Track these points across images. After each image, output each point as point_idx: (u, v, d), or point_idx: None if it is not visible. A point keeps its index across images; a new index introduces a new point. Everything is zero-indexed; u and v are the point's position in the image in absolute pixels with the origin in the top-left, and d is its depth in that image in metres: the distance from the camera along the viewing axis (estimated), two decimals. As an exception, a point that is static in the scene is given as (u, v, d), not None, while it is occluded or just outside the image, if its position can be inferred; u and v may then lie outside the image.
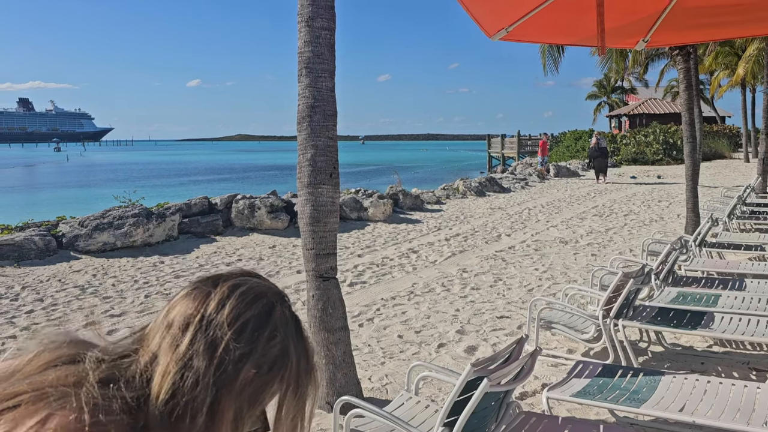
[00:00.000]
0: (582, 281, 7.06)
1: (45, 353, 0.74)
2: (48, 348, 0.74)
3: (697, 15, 3.46)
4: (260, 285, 0.84)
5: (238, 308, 0.78)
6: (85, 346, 0.77)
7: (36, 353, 0.74)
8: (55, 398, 0.68)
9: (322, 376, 3.80)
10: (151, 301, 6.52)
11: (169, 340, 0.76)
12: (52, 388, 0.69)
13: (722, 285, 5.43)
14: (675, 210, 13.30)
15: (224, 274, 0.84)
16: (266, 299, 0.82)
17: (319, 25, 3.72)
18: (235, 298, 0.79)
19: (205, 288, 0.81)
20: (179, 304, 0.80)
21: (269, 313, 0.81)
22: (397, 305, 6.30)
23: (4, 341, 5.24)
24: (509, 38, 3.35)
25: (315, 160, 3.78)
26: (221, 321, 0.77)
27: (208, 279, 0.83)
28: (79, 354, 0.74)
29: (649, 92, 45.01)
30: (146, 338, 0.79)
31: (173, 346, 0.75)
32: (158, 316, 0.81)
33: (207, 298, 0.79)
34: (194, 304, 0.79)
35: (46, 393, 0.68)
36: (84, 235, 8.83)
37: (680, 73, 9.98)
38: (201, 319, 0.77)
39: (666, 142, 29.00)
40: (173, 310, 0.80)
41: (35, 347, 0.75)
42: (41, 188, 36.29)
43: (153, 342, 0.77)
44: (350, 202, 11.95)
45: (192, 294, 0.81)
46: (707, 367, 4.43)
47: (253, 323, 0.79)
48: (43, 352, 0.74)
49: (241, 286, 0.81)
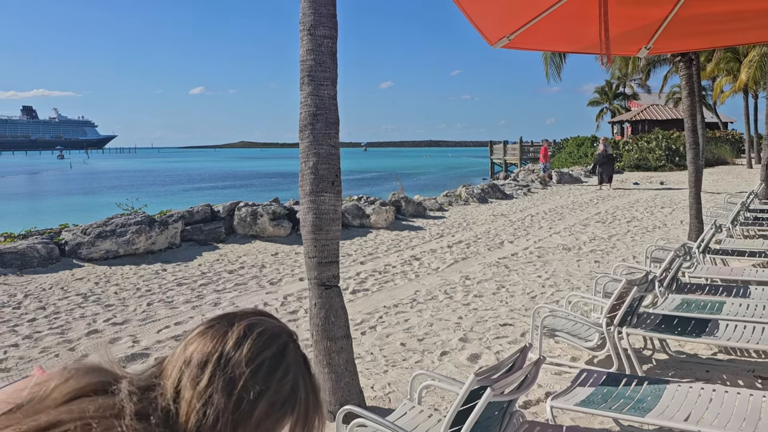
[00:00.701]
0: (585, 288, 7.04)
1: (71, 381, 0.76)
2: (73, 376, 0.77)
3: (698, 22, 3.46)
4: (274, 325, 0.87)
5: (255, 348, 0.82)
6: (108, 375, 0.79)
7: (62, 380, 0.76)
8: (101, 429, 0.72)
9: (325, 385, 3.79)
10: (154, 309, 6.51)
11: (190, 377, 0.79)
12: (95, 420, 0.72)
13: (726, 292, 5.40)
14: (678, 216, 13.28)
15: (239, 312, 0.87)
16: (281, 339, 0.86)
17: (321, 34, 3.73)
18: (252, 338, 0.82)
19: (222, 326, 0.84)
20: (196, 341, 0.82)
21: (283, 353, 0.85)
22: (400, 313, 6.28)
23: (6, 349, 5.23)
24: (511, 46, 3.36)
25: (317, 168, 3.77)
26: (239, 360, 0.80)
27: (223, 317, 0.86)
28: (107, 383, 0.77)
29: (652, 98, 45.04)
30: (165, 373, 0.82)
31: (194, 383, 0.78)
32: (175, 351, 0.84)
33: (225, 337, 0.82)
34: (212, 343, 0.81)
35: (90, 424, 0.72)
36: (86, 243, 8.84)
37: (682, 79, 9.98)
38: (219, 357, 0.80)
39: (669, 148, 28.99)
40: (190, 346, 0.82)
41: (57, 375, 0.77)
42: (44, 196, 36.39)
43: (172, 377, 0.80)
44: (352, 209, 11.94)
45: (210, 332, 0.83)
46: (712, 375, 4.40)
47: (269, 362, 0.82)
48: (69, 379, 0.76)
49: (257, 326, 0.84)
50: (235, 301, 6.83)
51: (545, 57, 23.51)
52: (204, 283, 7.62)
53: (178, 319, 6.12)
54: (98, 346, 4.78)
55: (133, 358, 5.04)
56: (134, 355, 5.11)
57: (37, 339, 5.52)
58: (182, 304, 6.70)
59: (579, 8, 3.10)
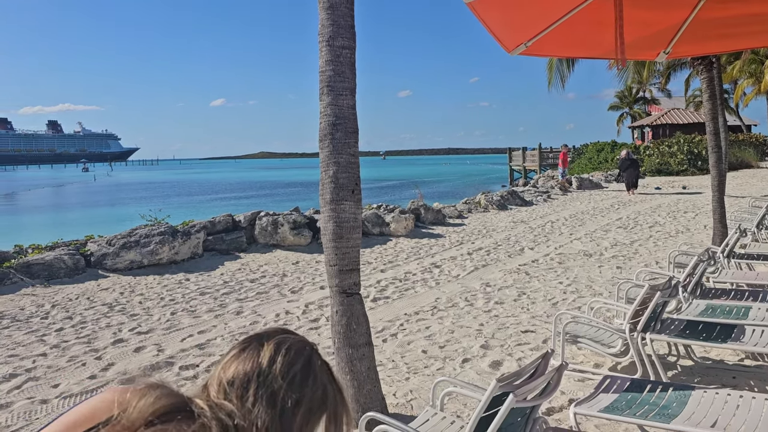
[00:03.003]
0: (607, 294, 6.97)
1: (152, 399, 0.85)
2: (153, 394, 0.86)
3: (717, 26, 3.44)
4: (298, 340, 0.99)
5: (286, 363, 0.93)
6: (181, 397, 0.88)
7: (142, 396, 0.85)
8: None
9: (347, 392, 3.81)
10: (177, 318, 6.60)
11: (237, 396, 0.89)
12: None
13: (752, 297, 5.32)
14: (701, 221, 13.09)
15: (265, 333, 0.99)
16: (306, 351, 0.97)
17: (340, 44, 3.78)
18: (282, 355, 0.94)
19: (254, 347, 0.95)
20: (234, 364, 0.93)
21: (310, 364, 0.96)
22: (421, 320, 6.28)
23: (35, 359, 5.35)
24: (528, 53, 3.37)
25: (337, 177, 3.82)
26: (275, 375, 0.91)
27: (253, 338, 0.98)
28: (184, 403, 0.87)
29: (672, 102, 44.53)
30: (210, 393, 0.91)
31: (243, 400, 0.89)
32: (214, 373, 0.94)
33: (259, 356, 0.93)
34: (249, 363, 0.92)
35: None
36: (111, 254, 9.00)
37: (703, 83, 9.87)
38: (258, 375, 0.91)
39: (690, 153, 28.60)
40: (229, 368, 0.93)
41: (135, 392, 0.86)
42: (70, 208, 37.05)
43: (222, 396, 0.90)
44: (372, 217, 11.98)
45: (244, 353, 0.94)
46: (739, 381, 4.33)
47: (300, 373, 0.94)
48: (148, 396, 0.85)
49: (284, 343, 0.96)
50: (257, 309, 6.90)
51: (550, 65, 22.97)
52: (226, 292, 7.70)
53: (201, 328, 6.19)
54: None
55: (158, 367, 5.11)
56: (159, 363, 5.18)
57: (65, 348, 5.63)
58: (205, 313, 6.78)
59: (596, 14, 3.11)
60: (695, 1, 3.23)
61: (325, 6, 3.77)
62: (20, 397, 4.53)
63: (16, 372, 5.02)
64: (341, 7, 3.76)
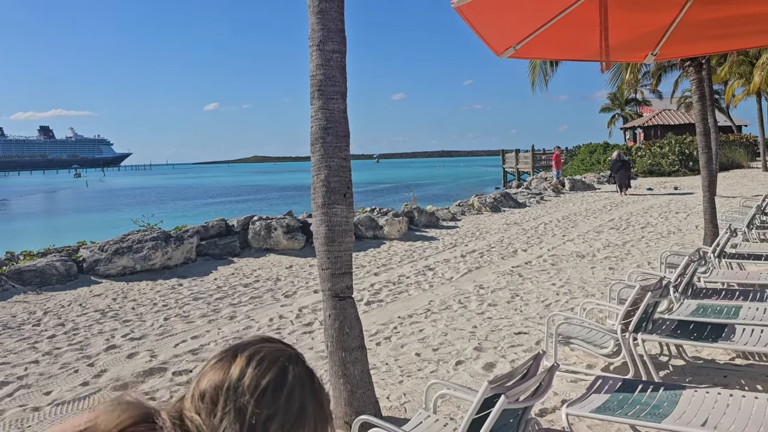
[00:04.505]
0: (600, 295, 7.00)
1: (119, 414, 0.84)
2: (119, 408, 0.84)
3: (705, 27, 3.47)
4: (274, 350, 0.92)
5: (255, 376, 0.87)
6: (146, 408, 0.87)
7: (109, 410, 0.84)
8: None
9: (340, 395, 3.81)
10: (171, 323, 6.58)
11: (206, 411, 0.86)
12: None
13: (743, 296, 5.36)
14: (693, 221, 13.17)
15: (242, 343, 0.93)
16: (280, 363, 0.90)
17: (330, 48, 3.80)
18: (253, 367, 0.88)
19: (227, 359, 0.90)
20: (208, 375, 0.90)
21: (284, 376, 0.89)
22: (414, 323, 6.29)
23: (27, 366, 5.32)
24: (518, 56, 3.39)
25: (329, 181, 3.82)
26: (244, 390, 0.86)
27: (229, 350, 0.93)
28: (149, 415, 0.85)
29: (663, 104, 44.79)
30: (185, 405, 0.89)
31: (211, 415, 0.85)
32: (192, 384, 0.91)
33: (229, 369, 0.89)
34: (220, 375, 0.88)
35: None
36: (104, 260, 8.96)
37: (693, 84, 9.95)
38: (228, 389, 0.86)
39: (682, 153, 28.77)
40: (204, 379, 0.89)
41: (104, 407, 0.85)
42: (62, 214, 36.86)
43: (193, 409, 0.87)
44: (365, 220, 11.99)
45: (217, 365, 0.90)
46: (730, 380, 4.36)
47: (272, 387, 0.87)
48: (114, 410, 0.84)
49: (256, 354, 0.90)
50: (251, 314, 6.89)
51: (533, 66, 22.82)
52: (219, 297, 7.69)
53: (194, 333, 6.18)
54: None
55: (151, 373, 5.09)
56: (152, 369, 5.17)
57: (57, 355, 5.60)
58: (198, 318, 6.76)
59: (583, 17, 3.13)
60: (682, 2, 3.26)
61: (315, 10, 3.78)
62: (12, 405, 4.50)
63: (8, 380, 4.99)
64: (331, 12, 3.77)
